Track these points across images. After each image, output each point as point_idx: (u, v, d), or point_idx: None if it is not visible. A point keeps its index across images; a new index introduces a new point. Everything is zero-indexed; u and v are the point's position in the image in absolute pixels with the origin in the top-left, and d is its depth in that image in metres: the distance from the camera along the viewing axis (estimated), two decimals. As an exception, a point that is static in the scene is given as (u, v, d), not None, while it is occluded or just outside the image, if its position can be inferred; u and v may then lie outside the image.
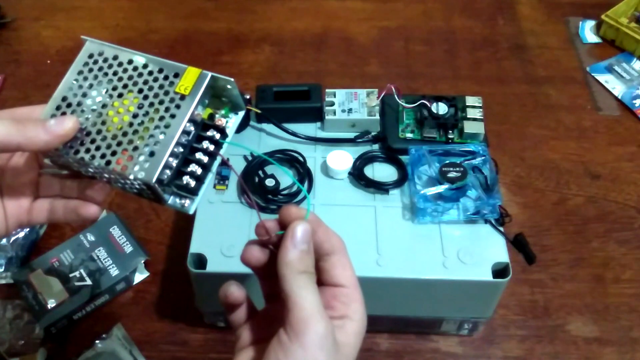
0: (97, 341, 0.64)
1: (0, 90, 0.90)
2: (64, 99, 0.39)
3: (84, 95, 0.39)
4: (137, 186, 0.38)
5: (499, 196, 0.57)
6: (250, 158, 0.62)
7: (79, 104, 0.39)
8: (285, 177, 0.61)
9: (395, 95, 0.66)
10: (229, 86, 0.38)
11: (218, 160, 0.39)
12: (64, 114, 0.38)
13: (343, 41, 0.98)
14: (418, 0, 1.04)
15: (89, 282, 0.66)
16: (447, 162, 0.59)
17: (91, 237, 0.69)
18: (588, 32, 0.99)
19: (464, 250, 0.56)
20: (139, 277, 0.69)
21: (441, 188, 0.58)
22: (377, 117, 0.65)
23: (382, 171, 0.63)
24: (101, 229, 0.70)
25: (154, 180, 0.36)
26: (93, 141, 0.37)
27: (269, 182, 0.60)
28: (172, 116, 0.37)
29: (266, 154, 0.63)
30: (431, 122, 0.65)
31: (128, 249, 0.69)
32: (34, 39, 0.98)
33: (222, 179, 0.62)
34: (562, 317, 0.67)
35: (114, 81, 0.39)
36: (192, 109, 0.37)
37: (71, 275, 0.67)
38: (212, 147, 0.38)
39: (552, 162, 0.81)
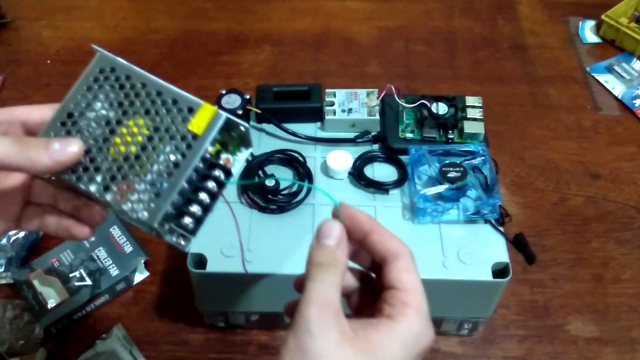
0: (97, 341, 0.64)
1: (0, 90, 0.90)
2: (69, 115, 0.37)
3: (91, 113, 0.37)
4: (136, 222, 0.36)
5: (499, 196, 0.57)
6: (250, 158, 0.62)
7: (84, 123, 0.36)
8: (285, 177, 0.61)
9: (395, 95, 0.66)
10: (242, 129, 0.36)
11: (218, 200, 0.37)
12: (68, 132, 0.36)
13: (343, 41, 0.98)
14: (418, 0, 1.04)
15: (89, 282, 0.66)
16: (447, 162, 0.59)
17: (91, 237, 0.69)
18: (588, 32, 0.99)
19: (464, 250, 0.56)
20: (139, 277, 0.69)
21: (441, 188, 0.58)
22: (377, 117, 0.65)
23: (382, 171, 0.63)
24: (101, 229, 0.70)
25: (156, 224, 0.34)
26: (94, 165, 0.36)
27: (269, 182, 0.60)
28: (183, 155, 0.35)
29: (266, 154, 0.63)
30: (431, 122, 0.65)
31: (128, 249, 0.69)
32: (34, 39, 0.98)
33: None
34: (562, 317, 0.67)
35: (125, 104, 0.36)
36: (203, 152, 0.35)
37: (71, 275, 0.67)
38: (215, 189, 0.36)
39: (552, 162, 0.81)
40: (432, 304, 0.63)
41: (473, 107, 0.66)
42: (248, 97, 0.65)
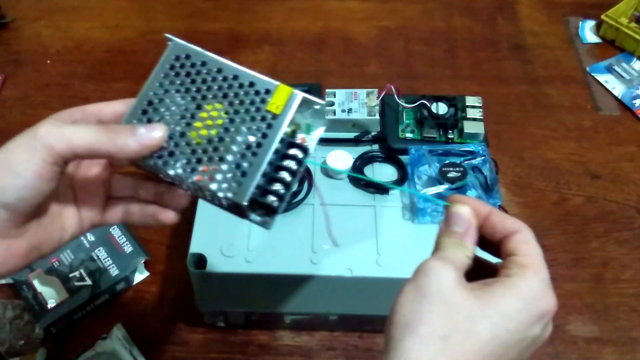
0: (97, 341, 0.64)
1: (0, 90, 0.90)
2: (149, 102, 0.38)
3: (170, 100, 0.38)
4: (223, 202, 0.37)
5: (498, 196, 0.57)
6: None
7: (164, 110, 0.38)
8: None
9: (395, 95, 0.66)
10: (316, 107, 0.38)
11: (298, 178, 0.38)
12: (149, 119, 0.38)
13: (343, 41, 0.98)
14: (418, 0, 1.04)
15: (89, 282, 0.66)
16: (447, 162, 0.59)
17: (91, 237, 0.69)
18: (588, 32, 0.99)
19: (464, 250, 0.56)
20: (139, 277, 0.69)
21: (441, 188, 0.58)
22: (377, 117, 0.65)
23: (382, 171, 0.63)
24: (101, 229, 0.70)
25: (245, 202, 0.35)
26: (179, 149, 0.37)
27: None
28: (264, 135, 0.36)
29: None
30: (431, 122, 0.65)
31: (128, 249, 0.69)
32: (34, 39, 0.98)
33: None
34: (562, 317, 0.67)
35: (203, 89, 0.38)
36: (284, 130, 0.36)
37: (71, 275, 0.67)
38: (295, 166, 0.38)
39: (552, 162, 0.81)
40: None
41: (473, 107, 0.66)
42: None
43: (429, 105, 0.65)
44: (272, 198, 0.37)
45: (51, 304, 0.65)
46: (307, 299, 0.59)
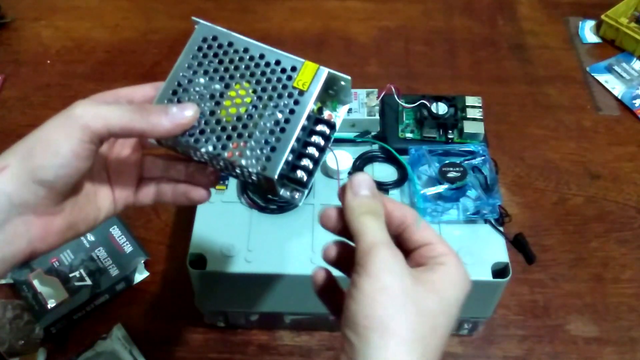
0: (97, 341, 0.64)
1: (0, 90, 0.90)
2: (178, 84, 0.39)
3: (199, 80, 0.39)
4: (254, 177, 0.38)
5: (498, 196, 0.57)
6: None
7: (194, 90, 0.39)
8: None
9: (395, 95, 0.66)
10: (342, 82, 0.39)
11: (327, 153, 0.40)
12: (179, 100, 0.39)
13: (343, 41, 0.98)
14: (418, 0, 1.04)
15: (89, 282, 0.66)
16: (447, 162, 0.59)
17: (91, 237, 0.69)
18: (588, 32, 0.99)
19: (464, 250, 0.56)
20: (139, 277, 0.69)
21: (441, 188, 0.58)
22: (377, 117, 0.65)
23: (382, 171, 0.63)
24: (101, 229, 0.70)
25: (276, 176, 0.36)
26: (209, 127, 0.38)
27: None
28: (291, 111, 0.37)
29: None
30: (431, 122, 0.65)
31: (128, 249, 0.69)
32: (34, 39, 0.98)
33: (221, 178, 0.62)
34: (562, 317, 0.67)
35: (230, 69, 0.39)
36: (311, 105, 0.37)
37: (71, 275, 0.67)
38: (322, 142, 0.39)
39: (552, 162, 0.81)
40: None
41: (473, 107, 0.66)
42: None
43: (429, 105, 0.65)
44: (301, 173, 0.38)
45: (51, 304, 0.65)
46: (307, 299, 0.58)
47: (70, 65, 0.93)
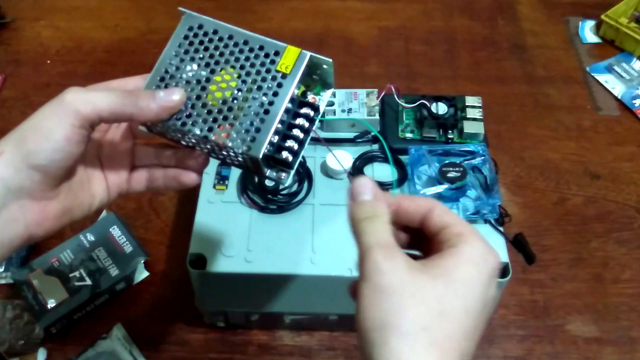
0: (97, 341, 0.64)
1: (0, 90, 0.90)
2: (165, 71, 0.40)
3: (185, 67, 0.40)
4: (240, 158, 0.39)
5: (498, 196, 0.57)
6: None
7: (180, 76, 0.40)
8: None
9: (395, 95, 0.66)
10: (325, 66, 0.40)
11: (311, 135, 0.41)
12: (166, 86, 0.40)
13: (343, 41, 0.98)
14: (418, 0, 1.04)
15: (89, 282, 0.66)
16: (447, 162, 0.59)
17: (91, 237, 0.69)
18: (588, 32, 0.99)
19: (464, 250, 0.56)
20: (139, 277, 0.69)
21: (441, 188, 0.58)
22: (377, 117, 0.65)
23: (382, 171, 0.63)
24: (101, 229, 0.70)
25: (260, 155, 0.37)
26: (196, 111, 0.39)
27: (269, 182, 0.60)
28: (275, 94, 0.38)
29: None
30: (431, 122, 0.65)
31: (128, 249, 0.69)
32: (34, 39, 0.98)
33: (221, 179, 0.62)
34: (562, 317, 0.67)
35: (216, 55, 0.40)
36: (294, 88, 0.38)
37: (71, 275, 0.67)
38: (307, 124, 0.40)
39: (552, 162, 0.81)
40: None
41: (473, 107, 0.66)
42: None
43: (428, 105, 0.65)
44: (286, 154, 0.39)
45: (51, 304, 0.65)
46: (307, 299, 0.59)
47: (70, 65, 0.93)
